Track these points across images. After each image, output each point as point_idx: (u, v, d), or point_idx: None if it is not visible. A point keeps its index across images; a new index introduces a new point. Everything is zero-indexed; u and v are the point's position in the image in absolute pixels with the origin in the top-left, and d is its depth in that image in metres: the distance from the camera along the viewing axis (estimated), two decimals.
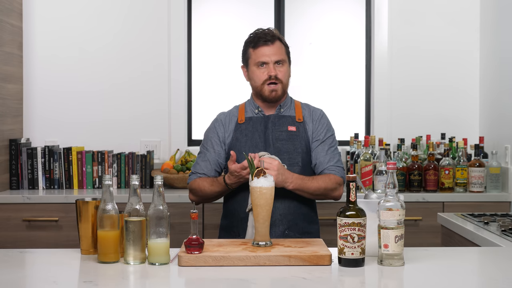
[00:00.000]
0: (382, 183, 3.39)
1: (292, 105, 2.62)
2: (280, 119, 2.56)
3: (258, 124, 2.55)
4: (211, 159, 2.56)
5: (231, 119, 2.60)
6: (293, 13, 4.22)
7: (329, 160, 2.52)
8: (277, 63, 2.50)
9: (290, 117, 2.57)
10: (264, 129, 2.53)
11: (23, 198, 3.50)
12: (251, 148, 2.49)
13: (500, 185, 3.63)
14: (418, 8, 4.10)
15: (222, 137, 2.58)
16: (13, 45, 3.84)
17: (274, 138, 2.52)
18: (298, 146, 2.52)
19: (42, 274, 1.89)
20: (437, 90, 4.10)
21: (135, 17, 4.06)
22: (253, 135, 2.53)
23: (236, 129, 2.56)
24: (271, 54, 2.49)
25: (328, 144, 2.56)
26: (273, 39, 2.51)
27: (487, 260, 2.12)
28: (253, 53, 2.52)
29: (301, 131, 2.55)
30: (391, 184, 1.90)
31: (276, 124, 2.54)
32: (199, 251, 1.94)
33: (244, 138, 2.53)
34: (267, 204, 2.09)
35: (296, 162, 2.49)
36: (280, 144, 2.50)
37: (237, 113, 2.61)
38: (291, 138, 2.52)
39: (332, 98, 4.25)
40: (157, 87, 4.06)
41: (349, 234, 1.87)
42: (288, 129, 2.53)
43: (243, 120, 2.57)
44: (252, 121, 2.56)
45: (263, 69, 2.50)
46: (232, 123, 2.58)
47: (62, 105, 4.03)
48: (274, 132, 2.53)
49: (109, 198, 1.96)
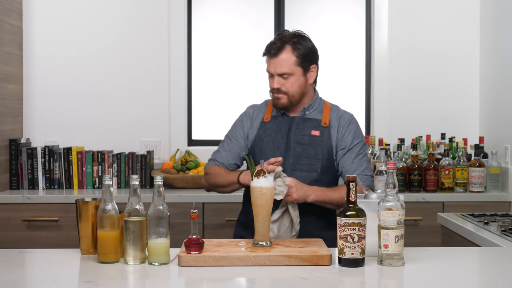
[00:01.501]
0: (382, 183, 3.39)
1: (320, 107, 2.58)
2: (305, 122, 2.53)
3: (282, 125, 2.53)
4: (233, 150, 2.56)
5: (258, 115, 2.59)
6: (293, 13, 4.22)
7: (355, 169, 2.47)
8: (281, 76, 2.46)
9: (315, 120, 2.53)
10: (287, 131, 2.51)
11: (23, 198, 3.50)
12: (273, 149, 2.48)
13: (500, 185, 3.63)
14: (418, 8, 4.10)
15: (247, 132, 2.57)
16: (13, 45, 3.84)
17: (296, 142, 2.49)
18: (319, 152, 2.48)
19: (42, 274, 1.89)
20: (437, 90, 4.10)
21: (135, 17, 4.06)
22: (276, 136, 2.51)
23: (260, 127, 2.55)
24: (275, 67, 2.46)
25: (356, 152, 2.50)
26: (277, 51, 2.44)
27: (487, 260, 2.12)
28: (266, 62, 2.52)
29: (325, 136, 2.51)
30: (391, 184, 1.90)
31: (300, 127, 2.51)
32: (199, 251, 1.94)
33: (267, 137, 2.52)
34: (267, 204, 2.09)
35: (315, 169, 2.46)
36: (301, 148, 2.47)
37: (265, 110, 2.59)
38: (313, 143, 2.49)
39: (332, 98, 4.23)
40: (157, 88, 4.06)
41: (349, 234, 1.87)
42: (312, 133, 2.50)
43: (269, 118, 2.56)
44: (277, 121, 2.54)
45: (271, 79, 2.50)
46: (258, 120, 2.57)
47: (62, 105, 4.03)
48: (297, 135, 2.50)
49: (109, 198, 1.95)
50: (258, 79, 4.26)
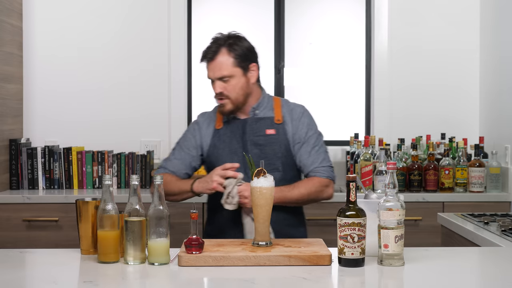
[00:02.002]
0: (382, 183, 3.38)
1: (269, 104, 2.51)
2: (258, 122, 2.47)
3: (235, 129, 2.47)
4: (185, 159, 2.51)
5: (209, 123, 2.53)
6: (293, 13, 4.22)
7: (312, 162, 2.44)
8: (221, 79, 2.42)
9: (268, 118, 2.47)
10: (242, 134, 2.45)
11: (23, 198, 3.50)
12: (230, 155, 2.43)
13: (500, 185, 3.63)
14: (418, 8, 4.10)
15: (200, 142, 2.52)
16: (13, 45, 3.84)
17: (252, 144, 2.43)
18: (278, 151, 2.43)
19: (42, 274, 1.89)
20: (437, 90, 4.10)
21: (135, 17, 4.06)
22: (231, 141, 2.46)
23: (214, 135, 2.50)
24: (214, 71, 2.43)
25: (311, 144, 2.46)
26: (213, 55, 2.41)
27: (487, 260, 2.12)
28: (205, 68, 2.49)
29: (281, 133, 2.45)
30: (391, 184, 1.90)
31: (254, 128, 2.45)
32: (199, 251, 1.94)
33: (222, 144, 2.47)
34: (267, 204, 2.08)
35: (276, 168, 2.42)
36: (258, 150, 2.42)
37: (215, 116, 2.53)
38: (270, 142, 2.44)
39: (332, 98, 4.25)
40: (157, 87, 4.06)
41: (349, 234, 1.87)
42: (266, 133, 2.44)
43: (221, 125, 2.50)
44: (230, 126, 2.48)
45: (212, 85, 2.47)
46: (210, 128, 2.52)
47: (62, 105, 4.03)
48: (252, 137, 2.44)
49: (109, 198, 1.95)
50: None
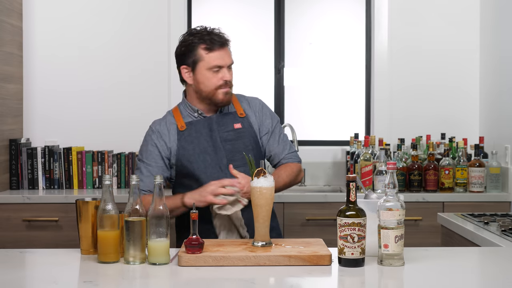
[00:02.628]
0: (382, 183, 3.39)
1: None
2: (224, 118, 2.46)
3: (201, 128, 2.43)
4: (155, 173, 2.38)
5: (169, 127, 2.45)
6: (293, 13, 4.22)
7: (283, 149, 2.50)
8: (228, 67, 2.42)
9: (232, 114, 2.47)
10: (209, 132, 2.43)
11: (23, 198, 3.50)
12: (201, 155, 2.39)
13: (500, 185, 3.63)
14: (418, 8, 4.10)
15: (164, 150, 2.42)
16: (13, 45, 3.84)
17: (222, 140, 2.42)
18: (248, 143, 2.44)
19: (42, 274, 1.89)
20: (437, 90, 4.10)
21: (135, 16, 4.06)
22: (199, 141, 2.41)
23: (179, 138, 2.42)
24: (226, 57, 2.40)
25: (278, 133, 2.51)
26: (226, 42, 2.42)
27: (487, 260, 2.12)
28: (206, 56, 2.38)
29: (247, 126, 2.47)
30: (391, 184, 1.90)
31: (221, 124, 2.44)
32: (199, 251, 1.94)
33: (191, 145, 2.41)
34: (267, 204, 2.08)
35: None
36: (230, 145, 2.42)
37: (174, 120, 2.46)
38: (240, 136, 2.44)
39: (332, 98, 4.25)
40: (157, 87, 4.06)
41: (349, 234, 1.87)
42: (234, 127, 2.44)
43: (184, 126, 2.43)
44: (194, 126, 2.43)
45: (217, 73, 2.39)
46: (172, 132, 2.44)
47: (62, 105, 4.03)
48: (221, 133, 2.43)
49: (109, 198, 1.95)
50: (258, 78, 4.26)
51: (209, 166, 2.40)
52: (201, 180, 2.38)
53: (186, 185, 2.43)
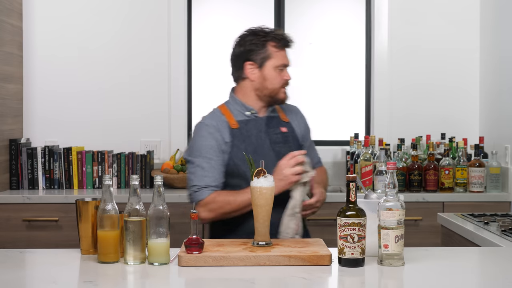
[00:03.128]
0: (382, 183, 3.39)
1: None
2: (272, 120, 2.47)
3: (253, 128, 2.42)
4: (219, 169, 2.35)
5: (222, 124, 2.40)
6: (293, 13, 4.22)
7: (315, 155, 2.63)
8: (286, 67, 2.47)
9: (277, 117, 2.50)
10: (259, 133, 2.42)
11: (23, 198, 3.50)
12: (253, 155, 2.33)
13: (500, 185, 3.63)
14: (418, 7, 4.10)
15: (222, 144, 2.37)
16: (13, 45, 3.84)
17: (272, 142, 2.43)
18: (293, 148, 2.44)
19: (42, 274, 1.89)
20: (437, 90, 4.10)
21: (135, 16, 4.06)
22: (251, 141, 2.39)
23: (232, 135, 2.38)
24: (287, 58, 2.46)
25: (312, 141, 2.63)
26: (292, 43, 2.47)
27: (487, 260, 2.12)
28: (276, 53, 2.40)
29: (290, 131, 2.50)
30: (391, 184, 1.90)
31: (270, 126, 2.45)
32: (199, 251, 1.94)
33: (243, 144, 2.38)
34: (267, 204, 2.08)
35: None
36: (278, 148, 2.42)
37: (224, 117, 2.42)
38: (286, 140, 2.46)
39: (332, 98, 4.25)
40: (157, 87, 4.06)
41: (349, 234, 1.87)
42: (281, 131, 2.47)
43: (236, 124, 2.40)
44: (247, 125, 2.42)
45: (282, 72, 2.42)
46: (225, 129, 2.39)
47: (62, 105, 4.03)
48: (271, 135, 2.44)
49: (109, 198, 1.95)
50: None
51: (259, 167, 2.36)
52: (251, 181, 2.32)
53: (235, 185, 2.37)
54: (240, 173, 2.36)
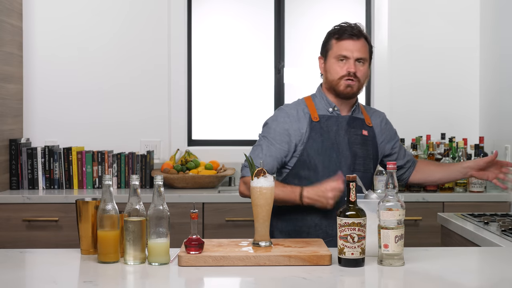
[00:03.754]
0: (382, 183, 3.40)
1: (359, 106, 2.52)
2: (355, 121, 2.45)
3: (334, 125, 2.41)
4: (277, 155, 2.37)
5: (304, 114, 2.41)
6: (293, 13, 4.22)
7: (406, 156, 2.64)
8: (358, 61, 2.36)
9: (361, 120, 2.48)
10: (339, 131, 2.41)
11: (23, 198, 3.50)
12: (329, 150, 2.37)
13: None
14: (418, 7, 4.10)
15: (295, 134, 2.38)
16: (13, 45, 3.84)
17: (351, 142, 2.41)
18: (370, 152, 2.45)
19: (42, 274, 1.89)
20: (437, 89, 4.10)
21: (135, 17, 4.06)
22: (329, 136, 2.39)
23: (311, 127, 2.39)
24: (354, 49, 2.35)
25: (401, 144, 2.65)
26: (359, 35, 2.36)
27: (487, 260, 2.12)
28: (335, 45, 2.37)
29: (371, 136, 2.48)
30: (391, 184, 1.90)
31: (352, 126, 2.44)
32: (199, 251, 1.94)
33: (320, 138, 2.38)
34: (267, 204, 2.08)
35: (369, 169, 2.44)
36: (356, 148, 2.41)
37: (307, 109, 2.43)
38: (365, 143, 2.44)
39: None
40: (157, 87, 4.06)
41: (349, 234, 1.87)
42: (363, 133, 2.45)
43: (317, 118, 2.40)
44: (328, 121, 2.41)
45: (343, 64, 2.36)
46: (305, 120, 2.40)
47: (62, 105, 4.03)
48: (351, 135, 2.42)
49: (109, 198, 1.95)
50: (258, 78, 4.26)
51: (333, 163, 2.37)
52: (322, 174, 2.35)
53: (303, 176, 2.39)
54: (312, 166, 2.37)
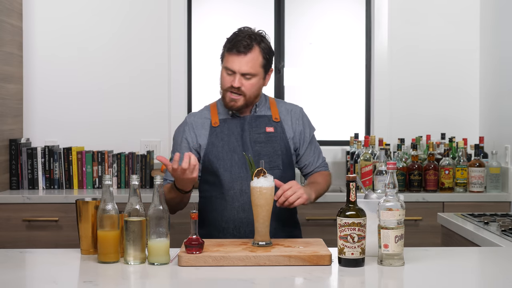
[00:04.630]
0: (382, 183, 3.39)
1: (267, 103, 2.51)
2: (257, 119, 2.45)
3: (234, 127, 2.44)
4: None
5: (203, 122, 2.47)
6: (293, 13, 4.22)
7: (317, 159, 2.56)
8: (244, 75, 2.36)
9: (266, 117, 2.47)
10: (241, 132, 2.43)
11: (23, 198, 3.50)
12: (229, 153, 2.40)
13: (500, 185, 3.63)
14: (418, 7, 4.10)
15: (193, 143, 2.45)
16: (13, 45, 3.84)
17: (252, 141, 2.42)
18: (277, 148, 2.43)
19: (42, 274, 1.89)
20: (437, 90, 4.10)
21: (135, 17, 4.06)
22: (230, 139, 2.42)
23: (211, 133, 2.44)
24: (241, 65, 2.34)
25: (314, 143, 2.55)
26: (247, 49, 2.34)
27: (487, 260, 2.12)
28: (225, 56, 2.39)
29: (279, 131, 2.46)
30: (391, 184, 1.90)
31: (253, 125, 2.44)
32: (199, 251, 1.94)
33: (221, 142, 2.42)
34: (267, 204, 2.08)
35: (277, 165, 2.41)
36: (259, 147, 2.41)
37: (209, 115, 2.48)
38: (270, 140, 2.43)
39: (332, 98, 4.25)
40: (157, 87, 4.06)
41: (349, 234, 1.87)
42: (266, 130, 2.44)
43: (217, 123, 2.45)
44: (227, 124, 2.45)
45: (229, 77, 2.37)
46: (205, 127, 2.46)
47: (62, 105, 4.03)
48: (252, 134, 2.43)
49: (109, 198, 1.95)
50: None
51: (235, 165, 2.40)
52: (224, 178, 2.39)
53: (211, 182, 2.43)
54: (214, 170, 2.41)
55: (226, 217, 2.41)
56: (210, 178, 2.44)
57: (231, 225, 2.41)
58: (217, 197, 2.42)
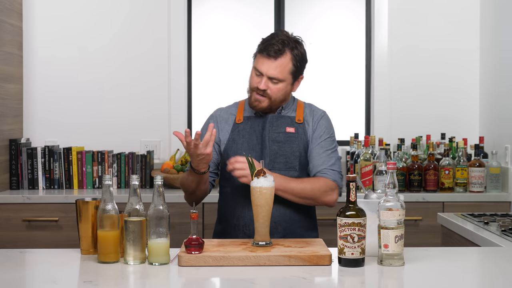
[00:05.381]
0: (382, 183, 3.39)
1: (294, 105, 2.52)
2: (279, 119, 2.46)
3: (256, 125, 2.45)
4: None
5: (228, 117, 2.50)
6: (293, 13, 4.22)
7: (323, 162, 2.39)
8: (271, 79, 2.36)
9: (289, 117, 2.47)
10: (261, 130, 2.44)
11: (23, 198, 3.50)
12: (248, 150, 2.40)
13: (500, 185, 3.63)
14: (418, 7, 4.10)
15: (217, 136, 2.46)
16: (13, 45, 3.84)
17: (271, 140, 2.42)
18: (296, 149, 2.41)
19: (42, 274, 1.89)
20: (437, 90, 4.10)
21: (135, 17, 4.06)
22: (251, 136, 2.43)
23: (233, 129, 2.46)
24: (269, 68, 2.35)
25: (325, 146, 2.42)
26: (277, 54, 2.34)
27: (487, 260, 2.12)
28: (257, 57, 2.41)
29: (300, 132, 2.45)
30: (391, 184, 1.90)
31: (274, 124, 2.44)
32: (199, 251, 1.94)
33: (241, 139, 2.43)
34: (267, 204, 2.08)
35: (293, 166, 2.40)
36: (276, 147, 2.40)
37: (235, 111, 2.51)
38: (289, 140, 2.42)
39: (332, 98, 4.25)
40: (157, 87, 4.06)
41: (349, 234, 1.87)
42: (286, 131, 2.43)
43: (241, 119, 2.47)
44: (250, 121, 2.46)
45: (257, 77, 2.38)
46: (229, 122, 2.48)
47: (62, 105, 4.03)
48: (271, 133, 2.42)
49: (109, 198, 1.95)
50: None
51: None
52: None
53: (227, 178, 2.44)
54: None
55: (237, 214, 2.41)
56: (226, 174, 2.42)
57: (241, 222, 2.40)
58: (231, 193, 2.43)
